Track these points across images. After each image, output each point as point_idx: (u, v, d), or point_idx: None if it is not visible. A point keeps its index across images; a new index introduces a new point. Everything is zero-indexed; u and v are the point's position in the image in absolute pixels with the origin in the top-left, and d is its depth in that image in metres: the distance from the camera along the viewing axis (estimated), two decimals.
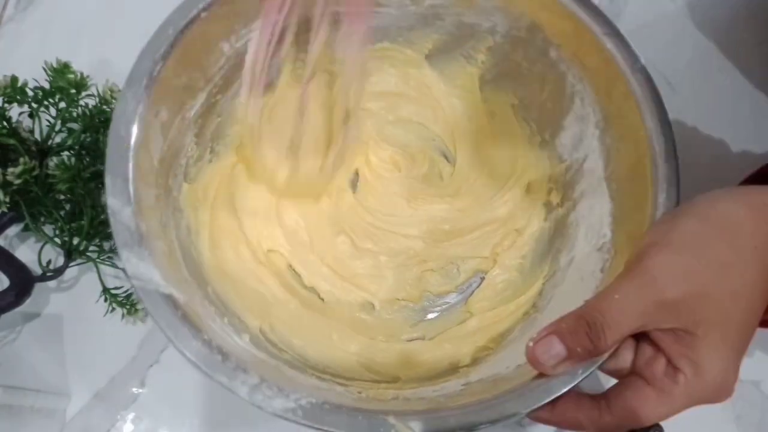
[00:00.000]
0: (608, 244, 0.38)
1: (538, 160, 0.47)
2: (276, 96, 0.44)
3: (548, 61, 0.43)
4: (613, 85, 0.38)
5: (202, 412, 0.44)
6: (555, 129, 0.45)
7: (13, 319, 0.44)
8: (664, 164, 0.35)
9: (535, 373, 0.31)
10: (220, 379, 0.29)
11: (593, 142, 0.41)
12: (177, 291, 0.32)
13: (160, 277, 0.31)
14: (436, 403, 0.33)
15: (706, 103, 0.56)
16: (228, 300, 0.40)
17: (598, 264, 0.37)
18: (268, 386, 0.29)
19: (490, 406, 0.30)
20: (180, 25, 0.36)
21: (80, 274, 0.47)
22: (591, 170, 0.42)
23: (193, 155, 0.41)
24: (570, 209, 0.44)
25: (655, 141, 0.36)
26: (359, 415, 0.29)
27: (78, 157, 0.43)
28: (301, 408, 0.29)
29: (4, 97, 0.41)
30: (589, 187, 0.42)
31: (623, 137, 0.39)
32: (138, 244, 0.32)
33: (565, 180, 0.45)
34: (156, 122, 0.36)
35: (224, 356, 0.30)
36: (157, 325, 0.30)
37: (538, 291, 0.43)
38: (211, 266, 0.41)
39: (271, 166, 0.44)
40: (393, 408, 0.31)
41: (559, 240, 0.44)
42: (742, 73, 0.58)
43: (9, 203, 0.39)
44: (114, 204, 0.32)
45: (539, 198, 0.47)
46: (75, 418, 0.43)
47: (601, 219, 0.39)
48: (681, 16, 0.60)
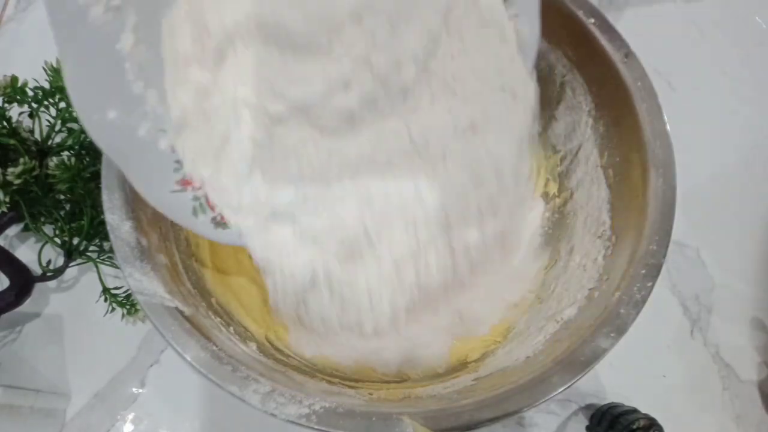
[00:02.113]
0: (608, 231, 0.38)
1: (533, 151, 0.47)
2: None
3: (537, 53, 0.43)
4: (603, 73, 0.39)
5: (202, 412, 0.44)
6: (547, 120, 0.45)
7: (13, 319, 0.44)
8: (659, 148, 0.36)
9: (545, 365, 0.31)
10: (231, 389, 0.29)
11: (587, 131, 0.41)
12: (182, 304, 0.32)
13: (164, 290, 0.31)
14: (448, 400, 0.33)
15: (706, 103, 0.57)
16: (232, 309, 0.39)
17: (600, 251, 0.38)
18: (281, 393, 0.29)
19: (502, 399, 0.30)
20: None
21: (80, 274, 0.47)
22: (586, 159, 0.42)
23: None
24: (567, 198, 0.44)
25: (648, 125, 0.36)
26: (373, 416, 0.29)
27: (78, 157, 0.43)
28: (315, 413, 0.29)
29: (4, 97, 0.41)
30: (586, 175, 0.42)
31: (616, 124, 0.39)
32: (139, 259, 0.31)
33: (560, 170, 0.45)
34: None
35: (234, 366, 0.30)
36: (164, 338, 0.30)
37: (540, 281, 0.43)
38: (213, 277, 0.40)
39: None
40: (406, 408, 0.31)
41: (558, 230, 0.44)
42: (742, 73, 0.58)
43: (9, 203, 0.39)
44: (113, 220, 0.32)
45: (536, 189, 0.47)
46: (75, 418, 0.43)
47: (600, 207, 0.40)
48: (681, 16, 0.60)
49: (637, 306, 0.32)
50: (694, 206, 0.51)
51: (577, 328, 0.34)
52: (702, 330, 0.49)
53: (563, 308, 0.37)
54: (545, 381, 0.30)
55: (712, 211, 0.53)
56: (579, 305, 0.36)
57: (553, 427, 0.45)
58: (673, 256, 0.51)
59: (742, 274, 0.51)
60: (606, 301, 0.33)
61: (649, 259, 0.33)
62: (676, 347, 0.48)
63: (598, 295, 0.35)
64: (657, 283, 0.32)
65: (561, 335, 0.35)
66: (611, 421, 0.42)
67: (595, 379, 0.46)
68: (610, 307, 0.32)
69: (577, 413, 0.45)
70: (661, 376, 0.47)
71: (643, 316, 0.32)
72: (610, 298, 0.33)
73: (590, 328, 0.32)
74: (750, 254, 0.52)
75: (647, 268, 0.33)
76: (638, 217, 0.35)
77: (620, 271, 0.34)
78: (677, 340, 0.48)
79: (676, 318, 0.49)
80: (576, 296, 0.37)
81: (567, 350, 0.32)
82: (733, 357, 0.48)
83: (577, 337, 0.32)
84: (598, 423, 0.43)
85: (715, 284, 0.50)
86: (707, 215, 0.53)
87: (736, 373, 0.47)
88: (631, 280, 0.33)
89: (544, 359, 0.32)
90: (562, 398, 0.45)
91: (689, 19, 0.60)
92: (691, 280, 0.50)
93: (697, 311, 0.49)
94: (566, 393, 0.44)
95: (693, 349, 0.48)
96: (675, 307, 0.49)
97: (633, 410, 0.42)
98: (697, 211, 0.51)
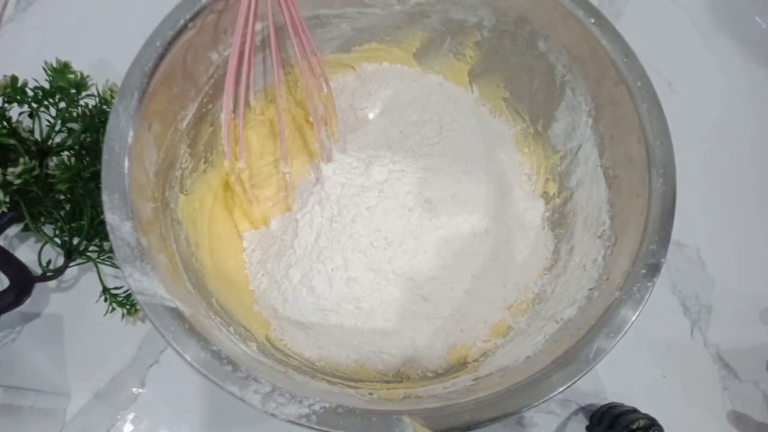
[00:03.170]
0: (608, 232, 0.38)
1: (533, 151, 0.47)
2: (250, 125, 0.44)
3: (537, 53, 0.43)
4: (603, 72, 0.39)
5: (202, 412, 0.44)
6: (547, 120, 0.45)
7: (13, 319, 0.44)
8: (659, 148, 0.36)
9: (545, 365, 0.31)
10: (231, 389, 0.29)
11: (586, 131, 0.41)
12: (182, 304, 0.31)
13: (165, 291, 0.31)
14: (447, 399, 0.33)
15: (706, 103, 0.57)
16: (232, 309, 0.39)
17: (600, 252, 0.38)
18: (281, 393, 0.29)
19: (502, 399, 0.30)
20: (167, 37, 0.36)
21: (80, 274, 0.47)
22: (586, 159, 0.42)
23: (188, 166, 0.41)
24: (567, 198, 0.44)
25: (648, 125, 0.36)
26: (373, 416, 0.29)
27: (78, 157, 0.43)
28: (315, 413, 0.29)
29: (4, 97, 0.41)
30: (585, 176, 0.42)
31: (616, 124, 0.39)
32: (140, 259, 0.31)
33: (560, 170, 0.45)
34: (149, 135, 0.36)
35: (234, 366, 0.30)
36: (164, 339, 0.30)
37: (540, 281, 0.43)
38: (213, 277, 0.40)
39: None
40: (406, 407, 0.31)
41: (558, 230, 0.44)
42: (742, 73, 0.58)
43: (9, 203, 0.39)
44: (113, 220, 0.32)
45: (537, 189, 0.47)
46: (75, 418, 0.43)
47: (599, 207, 0.40)
48: (681, 16, 0.60)
49: (637, 306, 0.32)
50: (694, 206, 0.51)
51: (577, 328, 0.34)
52: (702, 330, 0.49)
53: (563, 308, 0.37)
54: (545, 381, 0.30)
55: (712, 211, 0.53)
56: (579, 305, 0.36)
57: (553, 427, 0.45)
58: (673, 256, 0.51)
59: (742, 274, 0.51)
60: (606, 301, 0.33)
61: (649, 259, 0.33)
62: (676, 347, 0.48)
63: (598, 295, 0.35)
64: (657, 283, 0.32)
65: (561, 335, 0.35)
66: (611, 421, 0.42)
67: (595, 379, 0.46)
68: (610, 307, 0.32)
69: (577, 413, 0.45)
70: (661, 376, 0.47)
71: (643, 316, 0.32)
72: (610, 298, 0.33)
73: (590, 328, 0.32)
74: (750, 254, 0.52)
75: (647, 268, 0.33)
76: (638, 217, 0.35)
77: (620, 271, 0.34)
78: (677, 340, 0.48)
79: (676, 318, 0.49)
80: (576, 296, 0.37)
81: (567, 350, 0.32)
82: (733, 357, 0.48)
83: (577, 337, 0.32)
84: (598, 423, 0.43)
85: (715, 284, 0.50)
86: (707, 215, 0.53)
87: (736, 373, 0.47)
88: (631, 280, 0.33)
89: (545, 359, 0.32)
90: (562, 398, 0.45)
91: (689, 19, 0.60)
92: (691, 280, 0.50)
93: (697, 311, 0.49)
94: (566, 393, 0.44)
95: (693, 349, 0.48)
96: (675, 307, 0.49)
97: (633, 410, 0.42)
98: (697, 211, 0.51)
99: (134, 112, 0.34)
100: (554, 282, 0.42)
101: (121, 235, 0.32)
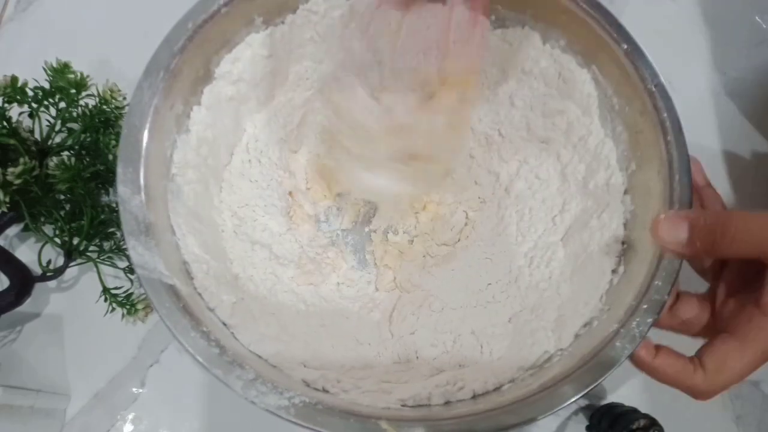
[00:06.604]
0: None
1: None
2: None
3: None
4: (631, 101, 0.38)
5: (202, 412, 0.44)
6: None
7: (13, 319, 0.44)
8: (678, 183, 0.35)
9: (537, 385, 0.31)
10: (215, 372, 0.29)
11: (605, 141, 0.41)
12: (180, 282, 0.32)
13: (164, 267, 0.32)
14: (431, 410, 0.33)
15: (706, 103, 0.56)
16: None
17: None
18: (263, 383, 0.30)
19: (487, 417, 0.30)
20: (199, 20, 0.36)
21: (80, 274, 0.47)
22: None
23: None
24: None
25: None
26: (351, 417, 0.29)
27: (78, 157, 0.43)
28: (294, 407, 0.29)
29: (4, 97, 0.41)
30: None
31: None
32: (145, 234, 0.32)
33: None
34: (171, 115, 0.36)
35: (222, 349, 0.30)
36: (158, 313, 0.30)
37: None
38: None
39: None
40: (387, 413, 0.31)
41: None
42: (743, 73, 0.58)
43: (9, 203, 0.39)
44: (124, 192, 0.32)
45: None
46: (75, 418, 0.43)
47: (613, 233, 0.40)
48: (682, 16, 0.60)
49: (633, 342, 0.32)
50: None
51: (571, 357, 0.34)
52: None
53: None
54: (543, 398, 0.31)
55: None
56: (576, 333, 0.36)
57: (553, 427, 0.45)
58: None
59: None
60: (602, 333, 0.33)
61: (653, 295, 0.33)
62: (676, 347, 0.47)
63: (597, 325, 0.35)
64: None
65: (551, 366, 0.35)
66: (611, 421, 0.42)
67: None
68: (605, 339, 0.32)
69: (577, 413, 0.45)
70: None
71: None
72: (608, 330, 0.33)
73: (585, 363, 0.32)
74: None
75: (650, 304, 0.33)
76: (648, 251, 0.34)
77: (623, 304, 0.34)
78: (677, 339, 0.48)
79: None
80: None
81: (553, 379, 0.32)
82: None
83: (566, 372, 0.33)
84: (598, 423, 0.43)
85: None
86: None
87: None
88: (632, 314, 0.33)
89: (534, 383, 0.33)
90: None
91: (689, 19, 0.60)
92: (691, 279, 0.50)
93: None
94: None
95: (693, 349, 0.48)
96: None
97: (633, 410, 0.42)
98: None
99: (158, 90, 0.34)
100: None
101: (131, 208, 0.32)
